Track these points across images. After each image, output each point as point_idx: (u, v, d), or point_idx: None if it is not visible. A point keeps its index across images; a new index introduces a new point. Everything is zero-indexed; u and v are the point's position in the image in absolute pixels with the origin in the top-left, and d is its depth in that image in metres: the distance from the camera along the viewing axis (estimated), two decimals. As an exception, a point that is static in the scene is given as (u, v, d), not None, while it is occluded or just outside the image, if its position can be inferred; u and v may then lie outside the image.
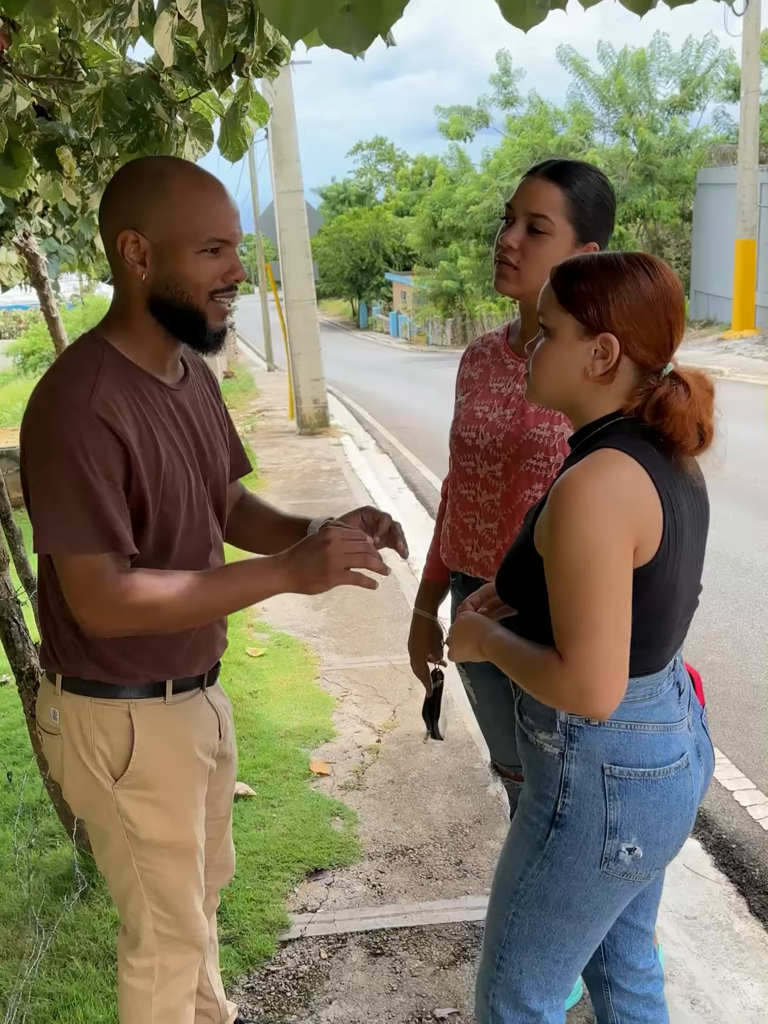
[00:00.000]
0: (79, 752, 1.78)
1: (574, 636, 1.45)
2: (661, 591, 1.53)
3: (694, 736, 1.68)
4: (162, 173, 1.67)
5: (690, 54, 25.76)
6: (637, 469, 1.47)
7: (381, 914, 2.90)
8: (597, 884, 1.61)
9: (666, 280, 1.51)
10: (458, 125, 29.38)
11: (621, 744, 1.58)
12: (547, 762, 1.63)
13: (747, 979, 2.61)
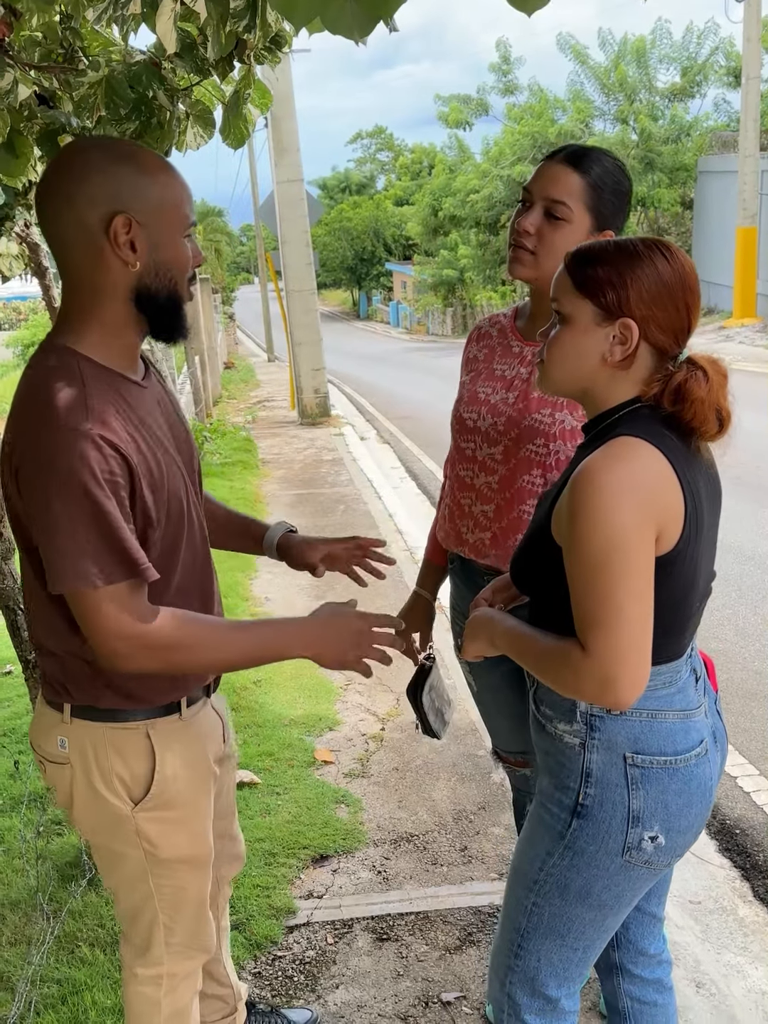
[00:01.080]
0: (93, 780, 1.71)
1: (596, 626, 1.44)
2: (682, 579, 1.52)
3: (711, 722, 1.69)
4: (136, 156, 1.57)
5: (691, 41, 25.66)
6: (657, 456, 1.46)
7: (387, 900, 2.91)
8: (619, 873, 1.62)
9: (683, 264, 1.50)
10: (457, 114, 29.28)
11: (643, 733, 1.58)
12: (567, 752, 1.63)
13: (751, 963, 2.63)
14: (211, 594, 1.81)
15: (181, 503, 1.68)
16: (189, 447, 1.78)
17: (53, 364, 1.56)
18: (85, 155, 1.57)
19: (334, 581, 6.16)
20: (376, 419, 13.99)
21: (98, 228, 1.53)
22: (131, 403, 1.60)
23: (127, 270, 1.56)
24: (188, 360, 10.89)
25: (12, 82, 2.47)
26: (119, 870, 1.80)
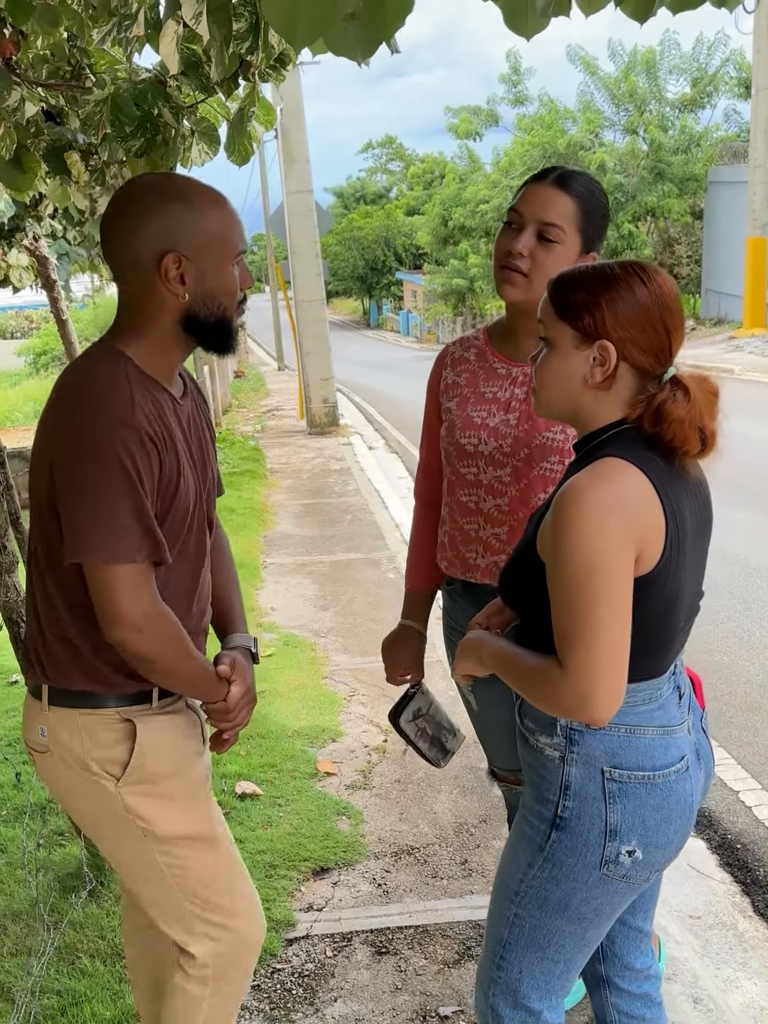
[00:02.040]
0: (72, 764, 1.78)
1: (575, 643, 1.47)
2: (663, 598, 1.55)
3: (694, 739, 1.70)
4: (186, 194, 1.70)
5: (701, 52, 25.67)
6: (639, 477, 1.49)
7: (386, 913, 2.92)
8: (597, 886, 1.63)
9: (661, 285, 1.53)
10: (467, 125, 29.33)
11: (621, 748, 1.60)
12: (548, 765, 1.65)
13: (750, 978, 2.63)
14: (190, 607, 1.85)
15: (186, 515, 1.76)
16: (206, 470, 1.87)
17: (105, 360, 1.71)
18: (141, 197, 1.71)
19: (339, 592, 6.19)
20: (385, 428, 14.02)
21: (151, 265, 1.67)
22: (164, 409, 1.72)
23: (178, 301, 1.70)
24: (197, 370, 10.96)
25: (19, 100, 2.50)
26: (124, 855, 1.85)
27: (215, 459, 1.96)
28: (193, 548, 1.83)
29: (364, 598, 6.04)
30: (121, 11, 2.30)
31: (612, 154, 25.44)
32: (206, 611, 1.93)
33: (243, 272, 1.77)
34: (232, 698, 1.86)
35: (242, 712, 1.90)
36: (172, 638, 1.70)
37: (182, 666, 1.75)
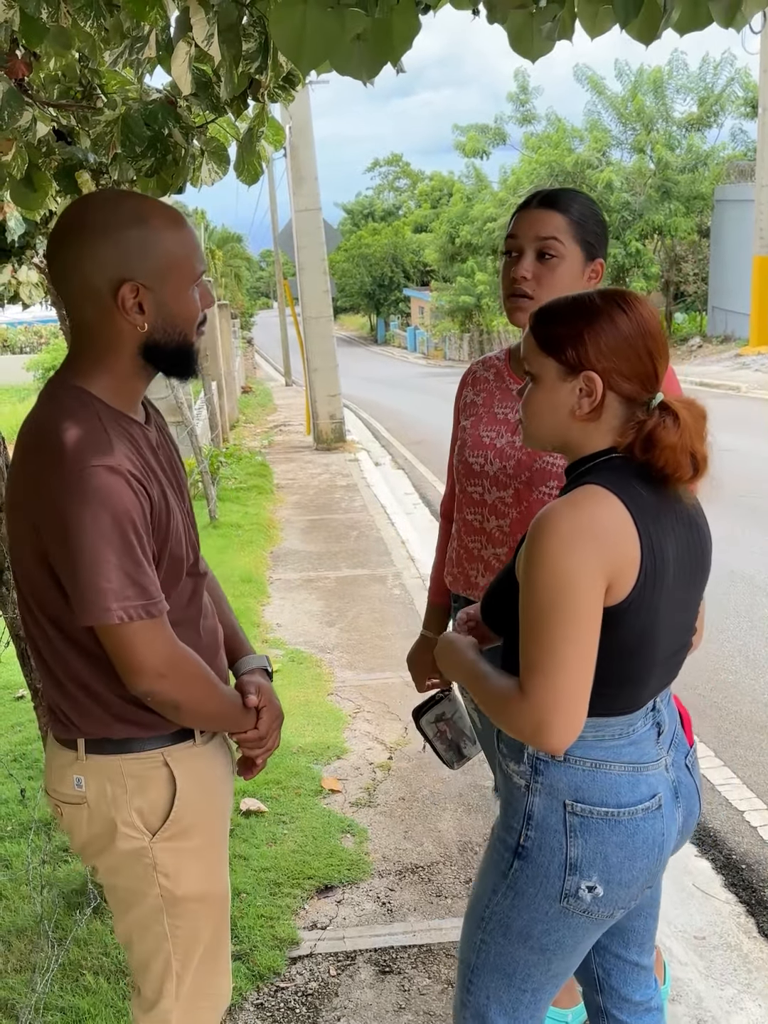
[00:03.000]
0: (111, 815, 1.70)
1: (535, 669, 1.45)
2: (635, 631, 1.51)
3: (672, 777, 1.66)
4: (142, 216, 1.60)
5: (707, 72, 25.79)
6: (617, 506, 1.47)
7: (390, 932, 2.91)
8: (557, 919, 1.60)
9: (641, 312, 1.52)
10: (475, 143, 29.48)
11: (585, 782, 1.57)
12: (515, 792, 1.63)
13: (754, 1000, 2.61)
14: (198, 629, 1.81)
15: (181, 543, 1.71)
16: (182, 490, 1.81)
17: (70, 403, 1.60)
18: (93, 216, 1.60)
19: (345, 608, 6.19)
20: (391, 444, 14.05)
21: (106, 294, 1.58)
22: (138, 442, 1.65)
23: (136, 331, 1.61)
24: (204, 386, 10.98)
25: (31, 120, 2.52)
26: (134, 911, 1.78)
27: (184, 474, 1.89)
28: (193, 573, 1.79)
29: (370, 614, 6.04)
30: (133, 33, 2.32)
31: (619, 173, 25.55)
32: (215, 627, 1.88)
33: (203, 292, 1.69)
34: (264, 724, 1.83)
35: (274, 735, 1.88)
36: (196, 677, 1.67)
37: (210, 703, 1.72)
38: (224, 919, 1.86)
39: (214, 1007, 1.89)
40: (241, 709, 1.80)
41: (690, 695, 4.58)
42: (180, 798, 1.71)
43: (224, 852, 1.85)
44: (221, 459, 10.56)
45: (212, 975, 1.85)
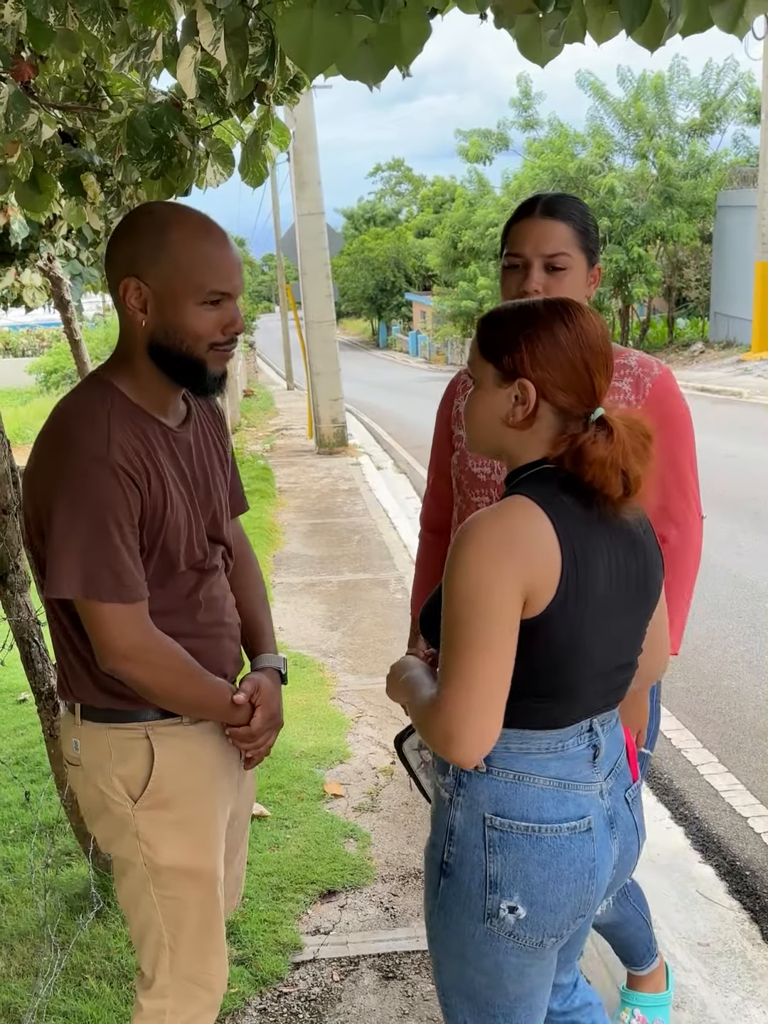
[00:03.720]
0: (97, 781, 1.80)
1: (448, 681, 1.42)
2: (559, 644, 1.46)
3: (608, 805, 1.60)
4: (166, 223, 1.69)
5: (710, 77, 25.82)
6: (540, 517, 1.44)
7: (394, 937, 2.90)
8: (485, 941, 1.54)
9: (583, 325, 1.48)
10: (478, 148, 29.51)
11: (506, 794, 1.52)
12: (440, 806, 1.60)
13: (759, 1007, 2.60)
14: (194, 619, 1.83)
15: (178, 543, 1.76)
16: (209, 494, 1.86)
17: (90, 393, 1.73)
18: (128, 219, 1.75)
19: (348, 613, 6.19)
20: (393, 448, 14.05)
21: (116, 287, 1.71)
22: (150, 439, 1.72)
23: (140, 327, 1.72)
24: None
25: (36, 122, 2.52)
26: (126, 880, 1.85)
27: (227, 481, 1.95)
28: (199, 568, 1.83)
29: (372, 618, 6.03)
30: (140, 37, 2.32)
31: (622, 178, 25.56)
32: (222, 621, 1.90)
33: (225, 316, 1.71)
34: (255, 723, 1.85)
35: (265, 737, 1.89)
36: (167, 667, 1.72)
37: (182, 692, 1.77)
38: (212, 897, 1.87)
39: (208, 986, 1.91)
40: (225, 702, 1.82)
41: (693, 701, 4.58)
42: (157, 769, 1.78)
43: (214, 831, 1.87)
44: (223, 463, 10.56)
45: (205, 953, 1.88)
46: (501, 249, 2.10)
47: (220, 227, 1.74)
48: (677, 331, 28.56)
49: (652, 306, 29.22)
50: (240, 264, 1.77)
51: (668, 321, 28.70)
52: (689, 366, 22.47)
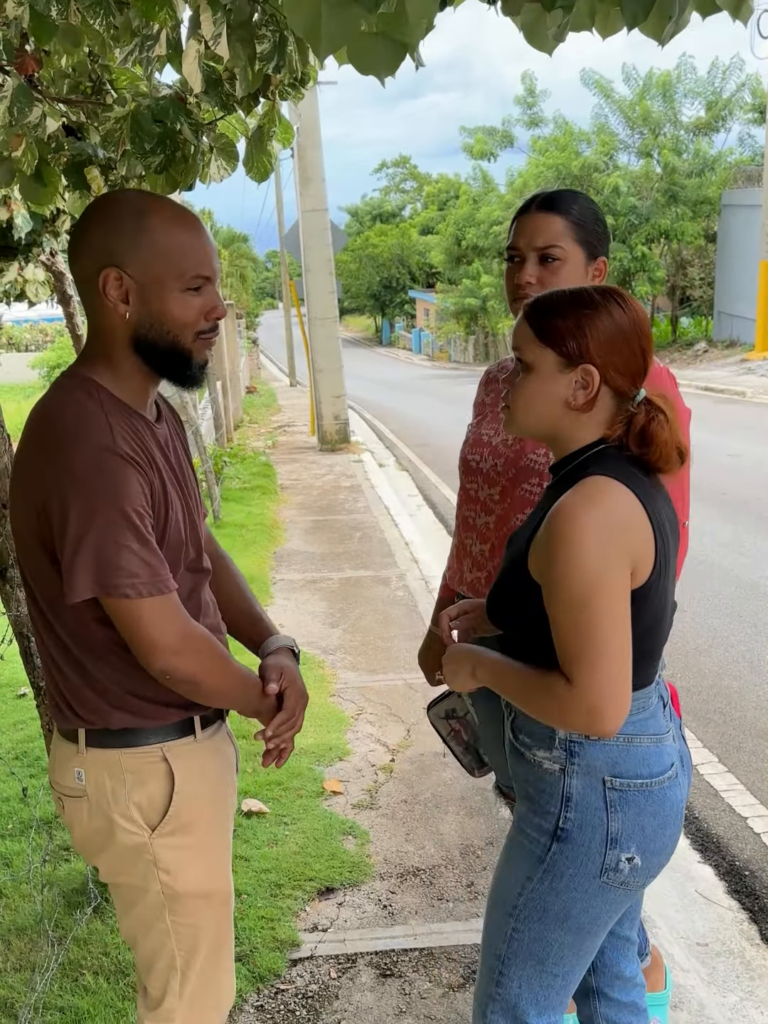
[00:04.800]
0: (108, 810, 1.70)
1: (581, 660, 1.50)
2: (653, 609, 1.60)
3: (678, 747, 1.76)
4: (142, 210, 1.63)
5: (716, 76, 25.79)
6: (628, 495, 1.53)
7: (391, 935, 2.90)
8: (597, 895, 1.67)
9: (636, 311, 1.59)
10: (482, 145, 29.50)
11: (620, 757, 1.64)
12: (547, 778, 1.68)
13: (757, 1007, 2.60)
14: (200, 622, 1.80)
15: (180, 536, 1.72)
16: (188, 492, 1.82)
17: (76, 390, 1.65)
18: (99, 207, 1.67)
19: (348, 610, 6.18)
20: (395, 446, 14.04)
21: (92, 279, 1.63)
22: (141, 434, 1.67)
23: (122, 320, 1.64)
24: (210, 385, 10.97)
25: (40, 116, 2.51)
26: (137, 909, 1.77)
27: (195, 481, 1.90)
28: (193, 569, 1.79)
29: (373, 616, 6.03)
30: (143, 32, 2.31)
31: (626, 176, 25.54)
32: (217, 625, 1.88)
33: (208, 301, 1.67)
34: (289, 704, 1.81)
35: (299, 715, 1.85)
36: (212, 654, 1.68)
37: (227, 680, 1.72)
38: (227, 917, 1.85)
39: (217, 1006, 1.88)
40: (259, 691, 1.79)
41: (694, 701, 4.57)
42: (179, 792, 1.71)
43: (226, 849, 1.85)
44: (225, 459, 10.56)
45: (216, 972, 1.84)
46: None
47: (194, 213, 1.71)
48: (681, 330, 28.53)
49: (656, 305, 29.20)
50: (216, 249, 1.74)
51: (672, 320, 28.68)
52: (692, 365, 22.46)
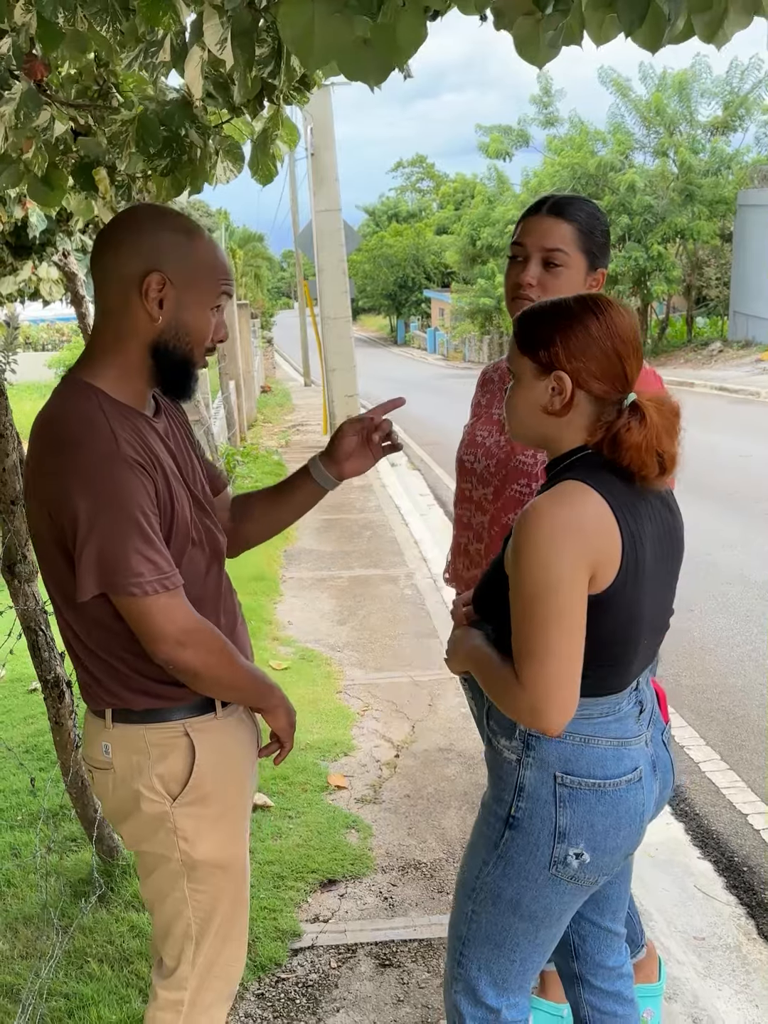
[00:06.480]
0: (134, 781, 1.78)
1: (528, 658, 1.54)
2: (620, 617, 1.60)
3: (651, 752, 1.77)
4: (186, 227, 1.74)
5: (734, 76, 25.70)
6: (597, 500, 1.55)
7: (391, 926, 2.94)
8: (546, 886, 1.71)
9: (612, 317, 1.59)
10: (498, 144, 29.46)
11: (574, 755, 1.67)
12: (505, 767, 1.73)
13: (751, 1000, 2.63)
14: (218, 608, 1.87)
15: (187, 529, 1.78)
16: (195, 477, 1.88)
17: (77, 397, 1.71)
18: (142, 215, 1.77)
19: (357, 608, 6.22)
20: (407, 445, 14.05)
21: (134, 279, 1.69)
22: (143, 433, 1.73)
23: (151, 323, 1.71)
24: (223, 385, 11.04)
25: (49, 119, 2.56)
26: (156, 875, 1.86)
27: (202, 461, 1.96)
28: (209, 552, 1.85)
29: (381, 614, 6.07)
30: (148, 38, 2.36)
31: (642, 175, 25.47)
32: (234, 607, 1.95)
33: (220, 323, 1.78)
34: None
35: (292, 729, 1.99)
36: (215, 649, 1.73)
37: (230, 675, 1.78)
38: (242, 889, 1.92)
39: (227, 979, 1.95)
40: (263, 684, 1.86)
41: (698, 699, 4.59)
42: (199, 766, 1.78)
43: (244, 823, 1.92)
44: (237, 458, 10.62)
45: (228, 944, 1.92)
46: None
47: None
48: (696, 330, 28.45)
49: (672, 304, 29.13)
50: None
51: (687, 320, 28.61)
52: (707, 365, 22.40)
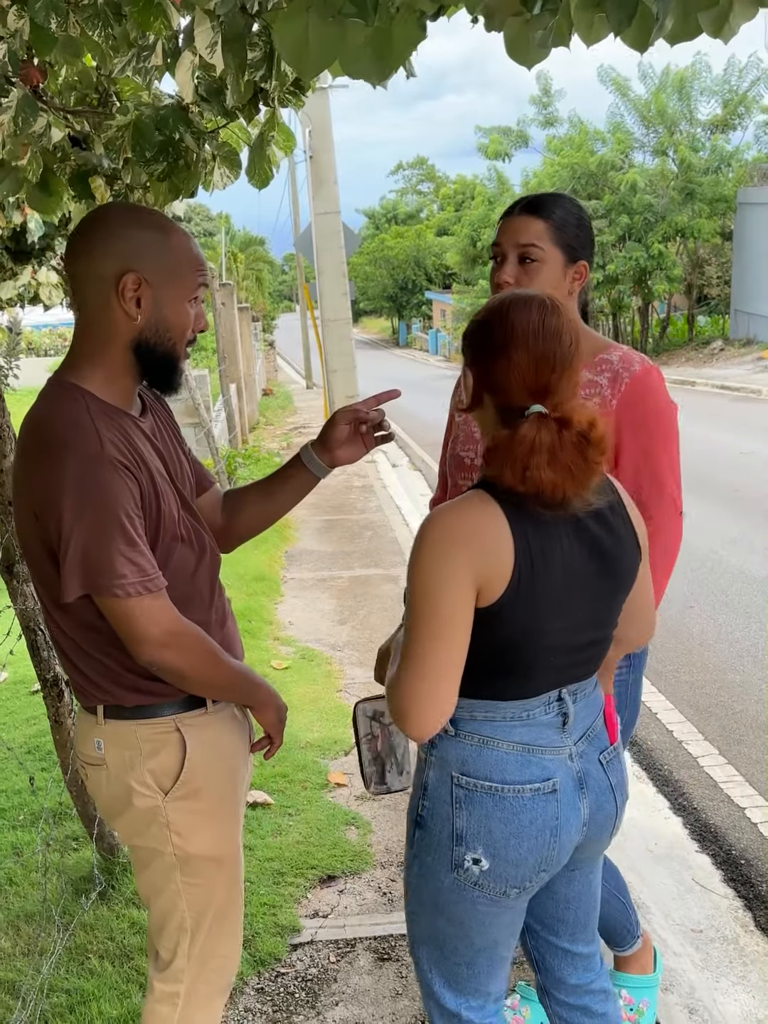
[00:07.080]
0: (126, 776, 1.80)
1: (403, 663, 1.54)
2: (512, 630, 1.54)
3: (578, 767, 1.68)
4: (159, 224, 1.75)
5: (733, 74, 25.70)
6: (495, 512, 1.51)
7: (390, 920, 2.96)
8: (454, 891, 1.67)
9: (514, 321, 1.53)
10: (497, 145, 29.45)
11: (471, 756, 1.64)
12: (419, 765, 1.74)
13: (748, 991, 2.65)
14: (208, 604, 1.89)
15: (175, 527, 1.80)
16: (183, 474, 1.91)
17: (63, 399, 1.72)
18: (113, 215, 1.77)
19: (357, 607, 6.25)
20: (408, 446, 14.10)
21: (110, 280, 1.70)
22: (128, 433, 1.75)
23: (130, 322, 1.72)
24: (223, 388, 11.07)
25: (45, 126, 2.59)
26: (151, 870, 1.87)
27: (190, 458, 1.98)
28: (198, 550, 1.87)
29: (381, 613, 6.10)
30: (140, 42, 2.38)
31: (642, 174, 25.46)
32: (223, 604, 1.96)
33: (199, 314, 1.80)
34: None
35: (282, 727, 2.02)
36: (199, 650, 1.74)
37: (215, 674, 1.79)
38: (236, 882, 1.94)
39: (223, 972, 1.97)
40: (250, 681, 1.88)
41: (696, 695, 4.62)
42: (190, 760, 1.80)
43: (236, 817, 1.94)
44: (238, 460, 10.64)
45: (223, 937, 1.93)
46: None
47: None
48: (698, 328, 28.45)
49: (673, 303, 29.13)
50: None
51: (688, 319, 28.61)
52: (709, 364, 22.41)
